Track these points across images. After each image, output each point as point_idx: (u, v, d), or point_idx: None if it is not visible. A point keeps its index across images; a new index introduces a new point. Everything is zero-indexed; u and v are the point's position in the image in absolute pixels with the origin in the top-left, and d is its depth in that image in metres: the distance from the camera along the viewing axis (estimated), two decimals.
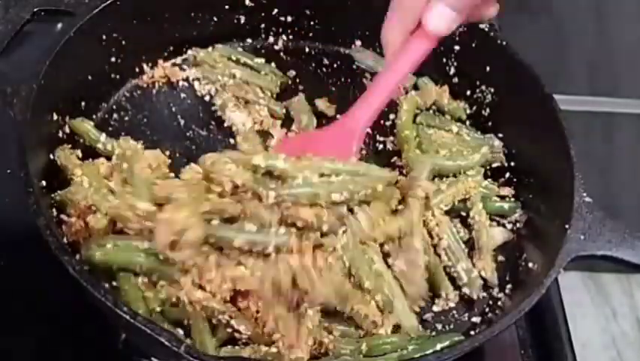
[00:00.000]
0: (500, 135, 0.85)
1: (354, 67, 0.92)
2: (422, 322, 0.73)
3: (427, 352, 0.68)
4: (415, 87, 0.89)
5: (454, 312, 0.75)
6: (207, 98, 0.88)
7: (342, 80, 0.92)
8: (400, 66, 0.74)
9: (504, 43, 0.83)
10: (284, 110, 0.87)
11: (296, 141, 0.81)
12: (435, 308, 0.75)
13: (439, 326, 0.74)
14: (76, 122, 0.79)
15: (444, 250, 0.76)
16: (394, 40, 0.74)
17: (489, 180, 0.82)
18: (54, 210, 0.73)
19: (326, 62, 0.93)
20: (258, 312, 0.67)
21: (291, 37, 0.93)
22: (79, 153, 0.77)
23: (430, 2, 0.70)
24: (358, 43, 0.92)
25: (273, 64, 0.90)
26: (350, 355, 0.68)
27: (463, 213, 0.80)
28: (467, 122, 0.87)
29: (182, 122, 0.86)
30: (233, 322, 0.68)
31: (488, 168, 0.84)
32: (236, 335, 0.68)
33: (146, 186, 0.71)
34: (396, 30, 0.74)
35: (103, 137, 0.79)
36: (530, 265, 0.74)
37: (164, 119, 0.86)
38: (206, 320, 0.68)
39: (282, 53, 0.92)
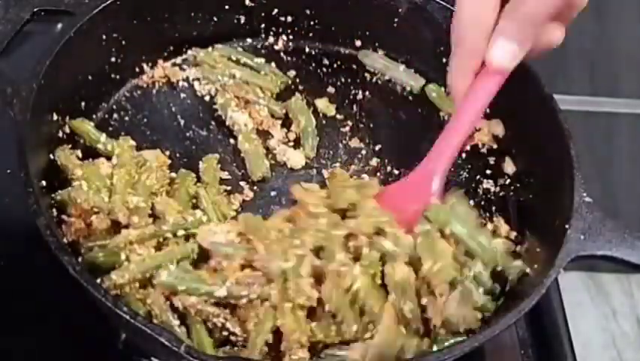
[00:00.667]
0: (500, 135, 0.85)
1: (354, 67, 0.92)
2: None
3: (427, 352, 0.68)
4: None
5: None
6: (207, 98, 0.88)
7: (342, 80, 0.92)
8: (469, 109, 0.73)
9: None
10: (284, 111, 0.87)
11: (382, 197, 0.77)
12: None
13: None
14: (76, 123, 0.79)
15: None
16: (462, 84, 0.72)
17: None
18: (54, 210, 0.73)
19: (326, 62, 0.92)
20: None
21: (291, 37, 0.93)
22: (79, 153, 0.77)
23: (491, 39, 0.69)
24: (358, 43, 0.92)
25: (273, 64, 0.90)
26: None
27: None
28: None
29: (182, 122, 0.86)
30: (228, 324, 0.68)
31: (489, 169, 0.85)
32: (232, 337, 0.68)
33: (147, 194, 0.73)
34: (461, 73, 0.72)
35: (103, 137, 0.79)
36: (530, 265, 0.74)
37: (164, 119, 0.86)
38: (202, 322, 0.68)
39: (282, 53, 0.92)
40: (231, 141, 0.85)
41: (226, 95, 0.86)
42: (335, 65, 0.92)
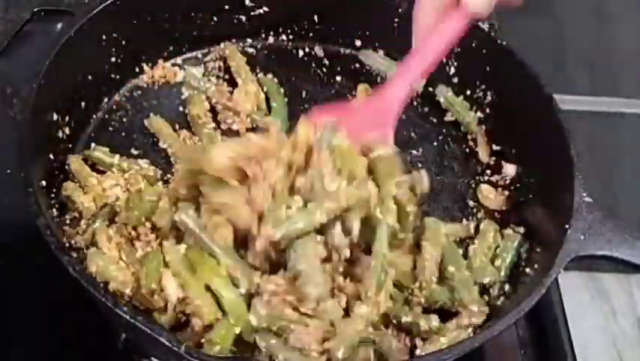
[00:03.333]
0: (500, 135, 0.85)
1: (354, 67, 0.92)
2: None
3: (427, 352, 0.68)
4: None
5: None
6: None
7: (342, 80, 0.92)
8: (434, 44, 0.75)
9: (504, 43, 0.83)
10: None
11: (332, 111, 0.78)
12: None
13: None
14: (87, 152, 0.79)
15: None
16: (426, 21, 0.74)
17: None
18: (54, 210, 0.73)
19: (326, 62, 0.93)
20: None
21: (291, 37, 0.93)
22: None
23: None
24: (358, 43, 0.92)
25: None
26: None
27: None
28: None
29: (182, 122, 0.86)
30: None
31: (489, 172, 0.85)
32: None
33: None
34: (428, 11, 0.74)
35: (116, 159, 0.79)
36: (530, 265, 0.74)
37: (164, 120, 0.85)
38: None
39: (282, 53, 0.92)
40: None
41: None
42: (335, 65, 0.92)
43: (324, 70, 0.92)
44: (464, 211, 0.82)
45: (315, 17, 0.91)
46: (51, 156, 0.75)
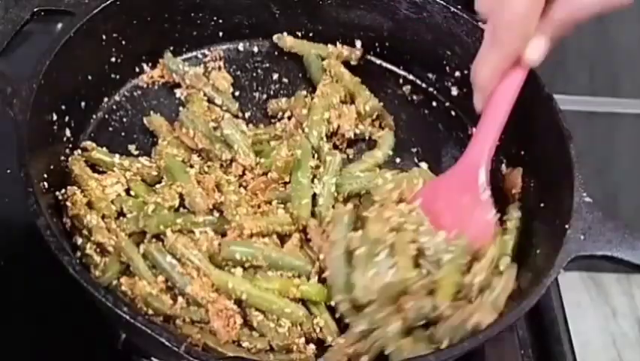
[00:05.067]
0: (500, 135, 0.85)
1: (354, 67, 0.92)
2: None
3: (427, 352, 0.68)
4: None
5: None
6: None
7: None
8: (502, 101, 0.74)
9: None
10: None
11: (428, 192, 0.78)
12: None
13: None
14: (87, 154, 0.79)
15: None
16: (490, 77, 0.73)
17: None
18: (54, 210, 0.73)
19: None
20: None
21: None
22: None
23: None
24: (359, 43, 0.92)
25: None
26: None
27: None
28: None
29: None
30: None
31: None
32: None
33: None
34: (492, 66, 0.73)
35: (117, 158, 0.79)
36: (530, 265, 0.74)
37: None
38: None
39: (282, 53, 0.92)
40: None
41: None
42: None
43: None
44: None
45: (315, 17, 0.91)
46: (51, 156, 0.75)
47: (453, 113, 0.90)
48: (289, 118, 0.87)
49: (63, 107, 0.77)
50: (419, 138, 0.88)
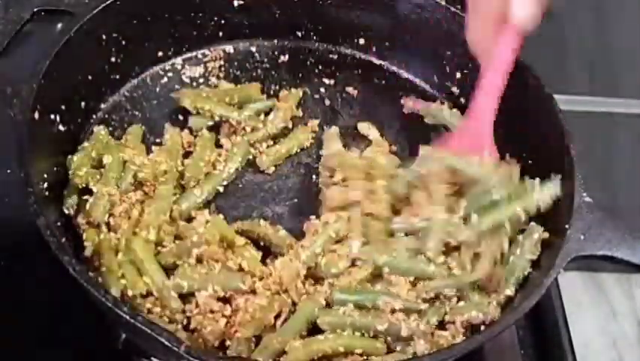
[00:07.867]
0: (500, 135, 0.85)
1: (355, 65, 0.93)
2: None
3: (427, 352, 0.68)
4: None
5: None
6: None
7: (346, 77, 0.92)
8: (498, 65, 0.76)
9: None
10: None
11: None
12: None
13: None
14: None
15: None
16: (480, 39, 0.76)
17: None
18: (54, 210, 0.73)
19: (326, 62, 0.93)
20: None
21: (291, 37, 0.93)
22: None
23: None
24: (361, 42, 0.92)
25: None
26: None
27: None
28: None
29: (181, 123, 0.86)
30: None
31: None
32: None
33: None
34: (479, 30, 0.76)
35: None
36: (530, 265, 0.74)
37: (164, 120, 0.85)
38: None
39: (282, 53, 0.92)
40: None
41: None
42: (336, 65, 0.92)
43: (325, 70, 0.92)
44: None
45: (316, 17, 0.91)
46: (51, 156, 0.75)
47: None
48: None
49: (63, 107, 0.77)
50: (419, 138, 0.88)
